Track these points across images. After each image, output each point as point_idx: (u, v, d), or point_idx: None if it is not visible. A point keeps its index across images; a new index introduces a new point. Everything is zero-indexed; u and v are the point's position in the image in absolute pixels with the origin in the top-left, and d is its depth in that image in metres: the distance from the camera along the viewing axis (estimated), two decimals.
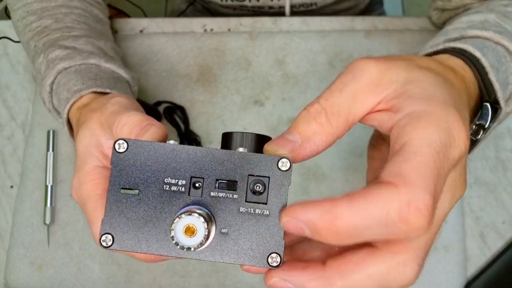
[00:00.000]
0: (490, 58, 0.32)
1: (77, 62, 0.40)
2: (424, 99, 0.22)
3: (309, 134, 0.24)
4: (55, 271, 0.48)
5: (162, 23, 0.58)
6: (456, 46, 0.32)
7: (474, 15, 0.39)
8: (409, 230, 0.19)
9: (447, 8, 0.49)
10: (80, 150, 0.33)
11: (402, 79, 0.23)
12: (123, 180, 0.24)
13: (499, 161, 0.51)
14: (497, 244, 0.49)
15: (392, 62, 0.24)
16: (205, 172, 0.24)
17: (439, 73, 0.25)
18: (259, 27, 0.58)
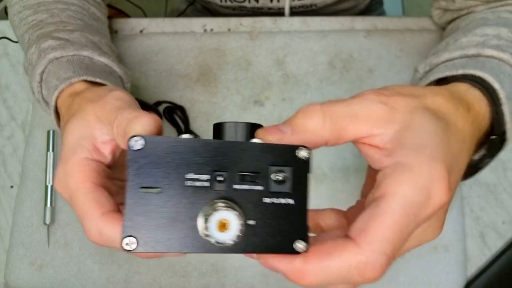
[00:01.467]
0: (507, 87, 0.32)
1: (70, 52, 0.39)
2: (414, 150, 0.23)
3: (301, 130, 0.25)
4: (55, 271, 0.48)
5: (162, 23, 0.58)
6: (476, 74, 0.32)
7: (487, 28, 0.39)
8: (365, 281, 0.22)
9: (450, 8, 0.49)
10: (69, 140, 0.31)
11: (403, 123, 0.24)
12: (142, 179, 0.23)
13: (499, 161, 0.51)
14: (497, 244, 0.49)
15: (400, 100, 0.25)
16: (226, 165, 0.23)
17: (446, 116, 0.26)
18: (259, 27, 0.58)
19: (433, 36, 0.56)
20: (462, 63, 0.35)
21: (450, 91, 0.28)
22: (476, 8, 0.46)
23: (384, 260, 0.22)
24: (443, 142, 0.24)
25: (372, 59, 0.55)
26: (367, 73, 0.55)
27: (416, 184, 0.22)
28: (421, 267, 0.47)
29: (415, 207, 0.22)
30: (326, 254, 0.23)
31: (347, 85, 0.54)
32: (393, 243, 0.22)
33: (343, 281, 0.23)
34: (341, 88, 0.54)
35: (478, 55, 0.35)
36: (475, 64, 0.34)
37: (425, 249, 0.48)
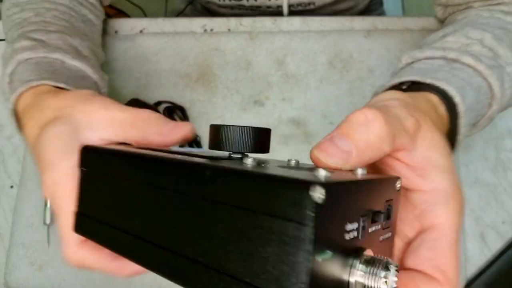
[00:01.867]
0: (469, 100, 0.34)
1: (39, 54, 0.38)
2: (446, 174, 0.24)
3: (364, 146, 0.21)
4: (55, 271, 0.48)
5: (162, 23, 0.58)
6: (441, 87, 0.33)
7: (473, 31, 0.40)
8: None
9: (450, 4, 0.50)
10: (55, 144, 0.29)
11: (429, 142, 0.24)
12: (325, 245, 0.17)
13: (499, 161, 0.51)
14: (497, 244, 0.49)
15: (422, 117, 0.25)
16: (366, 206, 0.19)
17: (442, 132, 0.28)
18: (259, 27, 0.58)
19: None
20: (438, 66, 0.37)
21: (435, 106, 0.31)
22: (474, 4, 0.47)
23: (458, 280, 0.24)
24: (452, 161, 0.25)
25: (372, 59, 0.55)
26: (367, 73, 0.55)
27: (458, 213, 0.24)
28: None
29: (459, 230, 0.24)
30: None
31: (347, 85, 0.54)
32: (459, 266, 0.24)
33: None
34: (341, 88, 0.54)
35: (457, 60, 0.37)
36: (448, 71, 0.36)
37: None
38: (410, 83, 0.35)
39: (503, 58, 0.38)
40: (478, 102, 0.35)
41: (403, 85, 0.35)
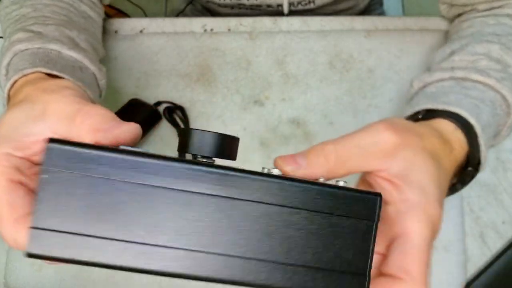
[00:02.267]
0: (484, 117, 0.35)
1: (35, 45, 0.38)
2: (421, 189, 0.28)
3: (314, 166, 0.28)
4: (55, 271, 0.49)
5: (162, 23, 0.58)
6: (455, 111, 0.35)
7: (479, 45, 0.41)
8: None
9: (455, 3, 0.49)
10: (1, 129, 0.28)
11: (409, 161, 0.28)
12: None
13: (499, 161, 0.51)
14: (497, 244, 0.49)
15: (407, 138, 0.29)
16: None
17: (439, 157, 0.30)
18: (259, 27, 0.58)
19: (433, 36, 0.56)
20: (449, 87, 0.38)
21: (440, 132, 0.33)
22: (480, 6, 0.46)
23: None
24: (437, 180, 0.29)
25: (372, 59, 0.55)
26: (367, 73, 0.55)
27: (429, 223, 0.27)
28: None
29: (431, 241, 0.27)
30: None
31: (347, 85, 0.54)
32: (426, 273, 0.27)
33: None
34: (341, 88, 0.54)
35: (466, 79, 0.38)
36: (460, 92, 0.37)
37: None
38: (425, 111, 0.36)
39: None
40: (495, 115, 0.37)
41: (419, 114, 0.37)
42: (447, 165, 0.31)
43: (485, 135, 0.35)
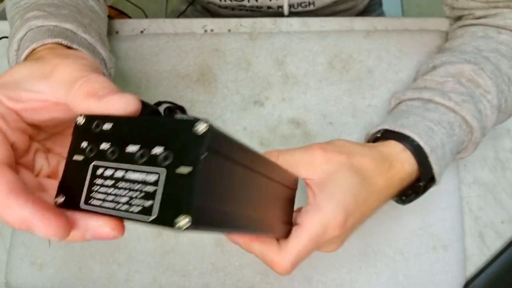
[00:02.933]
0: (437, 139, 0.40)
1: (51, 23, 0.37)
2: (328, 198, 0.35)
3: None
4: (56, 270, 0.49)
5: (162, 24, 0.59)
6: (406, 134, 0.40)
7: (453, 66, 0.45)
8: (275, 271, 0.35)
9: (455, 7, 0.51)
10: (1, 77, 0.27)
11: (329, 175, 0.36)
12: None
13: (498, 161, 0.52)
14: (496, 244, 0.49)
15: (334, 157, 0.36)
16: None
17: (364, 173, 0.37)
18: (259, 28, 0.58)
19: (433, 36, 0.56)
20: (414, 107, 0.44)
21: (380, 152, 0.39)
22: (476, 12, 0.48)
23: (289, 268, 0.34)
24: (352, 194, 0.35)
25: (371, 60, 0.55)
26: (366, 73, 0.55)
27: (322, 223, 0.34)
28: (420, 266, 0.48)
29: (317, 236, 0.34)
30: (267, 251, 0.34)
31: (347, 85, 0.54)
32: (298, 257, 0.34)
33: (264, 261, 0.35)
34: (341, 88, 0.54)
35: (430, 101, 0.43)
36: (420, 114, 0.42)
37: (424, 249, 0.48)
38: (384, 130, 0.42)
39: (483, 87, 0.43)
40: (452, 136, 0.42)
41: (378, 133, 0.43)
42: (377, 180, 0.37)
43: (437, 154, 0.40)
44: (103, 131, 0.25)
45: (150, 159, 0.23)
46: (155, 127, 0.24)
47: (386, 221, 0.49)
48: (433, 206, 0.49)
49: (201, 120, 0.22)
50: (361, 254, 0.48)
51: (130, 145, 0.24)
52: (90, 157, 0.25)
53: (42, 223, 0.23)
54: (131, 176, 0.23)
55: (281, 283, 0.48)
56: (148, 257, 0.49)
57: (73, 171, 0.25)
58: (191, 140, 0.22)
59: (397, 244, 0.48)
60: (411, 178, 0.40)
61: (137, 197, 0.23)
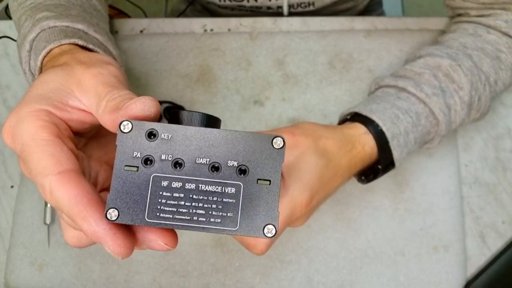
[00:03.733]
0: (401, 127, 0.42)
1: (64, 23, 0.38)
2: (295, 181, 0.36)
3: None
4: (56, 271, 0.49)
5: (162, 24, 0.58)
6: (371, 118, 0.42)
7: (433, 59, 0.46)
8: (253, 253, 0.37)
9: (452, 6, 0.52)
10: (37, 88, 0.28)
11: (296, 159, 0.37)
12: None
13: (499, 161, 0.51)
14: (497, 244, 0.49)
15: (301, 141, 0.38)
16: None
17: (329, 155, 0.39)
18: (259, 28, 0.58)
19: (433, 36, 0.56)
20: (387, 94, 0.45)
21: (344, 134, 0.41)
22: (471, 12, 0.49)
23: (264, 249, 0.36)
24: (317, 176, 0.37)
25: (371, 59, 0.55)
26: (366, 73, 0.55)
27: (289, 206, 0.36)
28: (420, 267, 0.48)
29: (286, 219, 0.36)
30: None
31: (347, 85, 0.54)
32: (272, 239, 0.36)
33: (243, 244, 0.37)
34: (341, 88, 0.54)
35: (404, 90, 0.45)
36: (391, 101, 0.44)
37: (424, 249, 0.48)
38: (354, 113, 0.44)
39: (457, 83, 0.45)
40: (418, 126, 0.43)
41: (348, 115, 0.45)
42: (341, 160, 0.40)
43: (399, 141, 0.42)
44: (161, 141, 0.24)
45: (226, 171, 0.24)
46: (223, 140, 0.24)
47: (386, 222, 0.49)
48: (433, 207, 0.49)
49: (279, 136, 0.25)
50: (362, 254, 0.48)
51: (199, 158, 0.24)
52: (147, 168, 0.24)
53: (112, 241, 0.24)
54: (206, 188, 0.24)
55: (281, 283, 0.47)
56: (148, 258, 0.49)
57: (126, 183, 0.24)
58: (268, 153, 0.24)
59: (398, 244, 0.48)
60: (371, 159, 0.43)
61: (216, 209, 0.24)
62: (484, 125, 0.53)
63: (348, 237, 0.49)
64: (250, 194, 0.24)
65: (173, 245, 0.26)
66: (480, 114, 0.47)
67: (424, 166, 0.50)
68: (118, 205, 0.24)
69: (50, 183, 0.24)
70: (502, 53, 0.47)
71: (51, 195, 0.24)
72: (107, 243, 0.24)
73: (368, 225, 0.49)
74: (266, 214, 0.24)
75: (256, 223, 0.24)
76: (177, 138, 0.24)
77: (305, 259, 0.48)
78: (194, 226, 0.24)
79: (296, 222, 0.39)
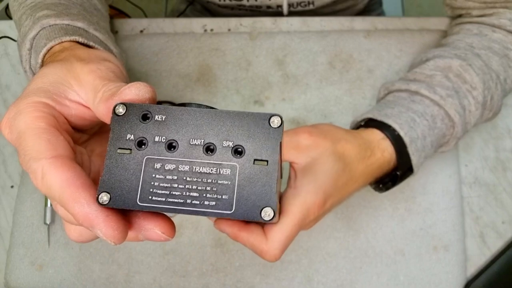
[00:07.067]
0: (418, 130, 0.41)
1: (64, 21, 0.38)
2: (309, 182, 0.36)
3: None
4: (56, 271, 0.49)
5: (162, 24, 0.58)
6: (388, 123, 0.41)
7: (442, 60, 0.45)
8: (265, 259, 0.35)
9: (453, 6, 0.51)
10: (37, 82, 0.28)
11: (313, 160, 0.37)
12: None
13: (499, 161, 0.51)
14: (497, 244, 0.49)
15: (319, 142, 0.38)
16: None
17: (347, 159, 0.38)
18: (259, 27, 0.58)
19: (433, 36, 0.56)
20: (401, 99, 0.44)
21: (363, 139, 0.40)
22: (473, 12, 0.49)
23: (278, 255, 0.34)
24: (332, 178, 0.36)
25: (371, 59, 0.55)
26: (366, 73, 0.55)
27: (302, 208, 0.35)
28: (420, 267, 0.48)
29: (300, 222, 0.35)
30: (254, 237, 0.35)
31: (347, 85, 0.54)
32: (285, 244, 0.34)
33: (255, 251, 0.35)
34: (341, 88, 0.54)
35: (417, 93, 0.44)
36: (406, 105, 0.43)
37: (424, 249, 0.48)
38: (368, 119, 0.43)
39: (469, 83, 0.44)
40: (434, 128, 0.43)
41: (362, 122, 0.44)
42: (358, 166, 0.39)
43: (417, 145, 0.41)
44: (155, 122, 0.23)
45: (221, 152, 0.23)
46: (217, 119, 0.23)
47: (386, 222, 0.49)
48: (433, 207, 0.49)
49: (276, 114, 0.23)
50: (362, 254, 0.48)
51: (193, 139, 0.23)
52: (141, 150, 0.23)
53: (104, 223, 0.23)
54: (201, 170, 0.23)
55: (281, 283, 0.47)
56: (148, 258, 0.49)
57: (118, 166, 0.23)
58: (266, 133, 0.23)
59: (398, 244, 0.48)
60: (389, 166, 0.42)
61: (210, 191, 0.23)
62: (484, 125, 0.53)
63: (348, 237, 0.49)
64: (246, 175, 0.23)
65: (171, 234, 0.25)
66: (492, 114, 0.47)
67: (424, 166, 0.50)
68: (110, 188, 0.23)
69: (43, 166, 0.24)
70: (509, 51, 0.46)
71: (43, 179, 0.24)
72: (99, 225, 0.23)
73: (368, 225, 0.49)
74: (264, 196, 0.22)
75: (252, 206, 0.22)
76: (171, 119, 0.24)
77: (305, 259, 0.48)
78: (188, 209, 0.23)
79: (307, 225, 0.38)
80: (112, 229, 0.23)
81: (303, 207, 0.35)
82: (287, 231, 0.34)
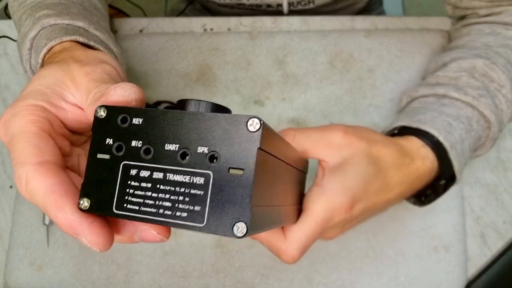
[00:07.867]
0: (456, 134, 0.39)
1: (64, 21, 0.37)
2: (337, 182, 0.33)
3: None
4: (55, 271, 0.48)
5: (162, 23, 0.58)
6: (425, 130, 0.38)
7: (465, 61, 0.43)
8: (282, 260, 0.33)
9: (458, 6, 0.50)
10: (34, 84, 0.28)
11: (344, 160, 0.34)
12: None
13: (500, 161, 0.51)
14: (498, 244, 0.49)
15: (354, 142, 0.35)
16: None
17: (382, 164, 0.35)
18: (259, 27, 0.58)
19: (434, 36, 0.56)
20: (429, 104, 0.42)
21: (402, 146, 0.37)
22: (480, 11, 0.48)
23: (296, 256, 0.32)
24: (363, 182, 0.34)
25: (372, 59, 0.55)
26: (367, 73, 0.55)
27: (328, 209, 0.32)
28: (421, 267, 0.47)
29: (324, 221, 0.32)
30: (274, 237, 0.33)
31: (347, 85, 0.54)
32: (305, 244, 0.32)
33: (272, 251, 0.33)
34: (341, 88, 0.54)
35: (445, 96, 0.42)
36: (437, 110, 0.41)
37: (425, 250, 0.48)
38: (401, 127, 0.41)
39: (497, 82, 0.42)
40: (470, 131, 0.40)
41: (395, 130, 0.41)
42: (394, 174, 0.36)
43: (457, 150, 0.38)
44: (132, 126, 0.22)
45: (195, 158, 0.21)
46: (195, 123, 0.21)
47: (387, 222, 0.49)
48: (434, 207, 0.49)
49: (254, 117, 0.20)
50: (362, 255, 0.48)
51: (168, 143, 0.21)
52: (118, 155, 0.22)
53: (89, 230, 0.22)
54: (174, 178, 0.21)
55: (281, 284, 0.47)
56: (148, 258, 0.48)
57: (98, 171, 0.23)
58: (242, 138, 0.20)
59: (398, 244, 0.48)
60: (430, 176, 0.39)
61: (182, 201, 0.21)
62: None
63: (348, 237, 0.48)
64: (220, 185, 0.20)
65: (166, 235, 0.24)
66: None
67: None
68: (90, 194, 0.22)
69: (27, 172, 0.23)
70: None
71: (27, 185, 0.23)
72: (84, 233, 0.22)
73: (368, 225, 0.49)
74: (237, 210, 0.20)
75: (224, 220, 0.20)
76: (149, 122, 0.22)
77: (305, 259, 0.48)
78: (159, 220, 0.21)
79: (330, 232, 0.35)
80: (97, 236, 0.23)
81: (328, 207, 0.32)
82: (308, 230, 0.32)
